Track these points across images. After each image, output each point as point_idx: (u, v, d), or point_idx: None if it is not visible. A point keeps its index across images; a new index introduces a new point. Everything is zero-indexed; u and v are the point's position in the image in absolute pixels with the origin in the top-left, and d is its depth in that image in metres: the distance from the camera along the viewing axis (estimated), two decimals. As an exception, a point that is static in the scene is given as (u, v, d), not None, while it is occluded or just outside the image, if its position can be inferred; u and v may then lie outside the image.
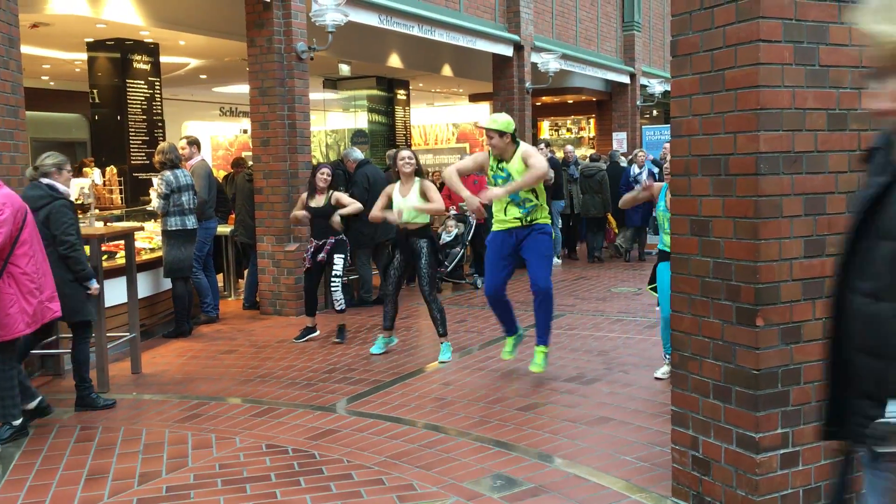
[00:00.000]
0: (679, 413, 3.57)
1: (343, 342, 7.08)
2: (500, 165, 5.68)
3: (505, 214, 5.69)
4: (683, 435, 3.54)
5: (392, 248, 6.43)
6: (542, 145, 12.20)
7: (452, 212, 9.86)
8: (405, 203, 6.36)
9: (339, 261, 7.12)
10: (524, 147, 5.73)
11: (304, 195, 7.35)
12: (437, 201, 6.41)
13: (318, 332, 7.35)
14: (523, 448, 4.33)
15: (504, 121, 5.61)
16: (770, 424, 3.18)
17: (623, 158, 13.69)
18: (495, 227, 5.79)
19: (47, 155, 5.31)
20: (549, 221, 5.79)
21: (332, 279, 7.16)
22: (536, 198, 5.68)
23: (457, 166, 5.99)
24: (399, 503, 3.66)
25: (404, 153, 6.55)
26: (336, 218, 7.01)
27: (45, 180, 5.19)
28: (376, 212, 6.56)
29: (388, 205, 6.48)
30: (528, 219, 5.65)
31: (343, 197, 7.15)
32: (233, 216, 9.42)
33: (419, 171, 6.48)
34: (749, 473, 3.20)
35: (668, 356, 5.64)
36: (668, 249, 5.51)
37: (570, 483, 3.84)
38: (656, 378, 5.63)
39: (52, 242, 5.04)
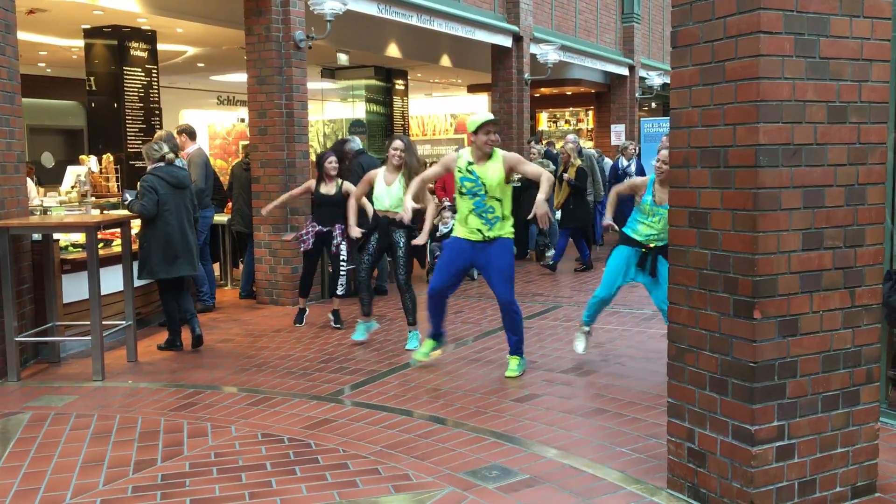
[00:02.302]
0: (675, 405, 3.57)
1: (342, 327, 7.20)
2: (468, 167, 5.36)
3: (466, 223, 5.44)
4: (679, 426, 3.54)
5: (367, 234, 6.51)
6: (533, 141, 12.09)
7: (447, 203, 9.84)
8: (389, 192, 6.34)
9: (344, 248, 7.26)
10: (506, 154, 5.41)
11: (312, 183, 7.51)
12: (428, 202, 6.39)
13: (307, 311, 7.59)
14: (519, 439, 4.33)
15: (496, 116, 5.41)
16: (766, 417, 3.18)
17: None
18: (457, 232, 5.55)
19: (167, 139, 6.69)
20: (512, 235, 5.48)
21: (341, 265, 7.29)
22: (502, 207, 5.36)
23: (424, 174, 5.86)
24: (394, 493, 3.67)
25: (397, 143, 6.41)
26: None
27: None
28: (353, 200, 6.70)
29: (370, 192, 6.50)
30: (490, 234, 5.38)
31: (352, 188, 7.07)
32: (229, 205, 9.39)
33: (411, 173, 6.22)
34: (744, 465, 3.21)
35: (585, 325, 5.97)
36: (634, 236, 5.56)
37: (566, 474, 3.85)
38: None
39: (189, 212, 6.34)
